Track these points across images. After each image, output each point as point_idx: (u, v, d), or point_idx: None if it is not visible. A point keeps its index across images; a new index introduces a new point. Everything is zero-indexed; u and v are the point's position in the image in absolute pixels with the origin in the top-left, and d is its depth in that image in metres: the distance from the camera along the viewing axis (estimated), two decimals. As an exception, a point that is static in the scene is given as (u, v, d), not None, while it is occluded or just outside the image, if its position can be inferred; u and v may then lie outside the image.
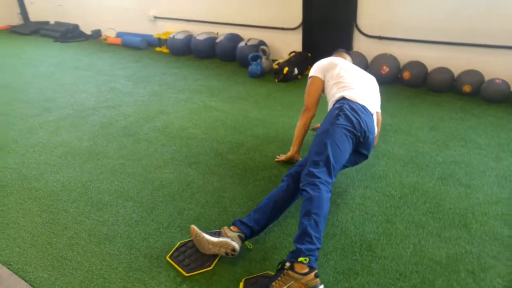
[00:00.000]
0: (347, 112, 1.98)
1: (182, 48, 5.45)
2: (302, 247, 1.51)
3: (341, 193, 2.19)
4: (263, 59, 4.52)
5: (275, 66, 4.31)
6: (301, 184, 1.77)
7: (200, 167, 2.51)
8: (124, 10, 6.52)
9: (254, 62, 4.44)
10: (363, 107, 2.06)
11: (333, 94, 2.25)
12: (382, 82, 3.96)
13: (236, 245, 1.67)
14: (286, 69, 4.18)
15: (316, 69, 2.44)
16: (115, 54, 5.78)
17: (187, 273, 1.65)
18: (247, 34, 5.14)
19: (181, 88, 4.08)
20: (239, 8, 5.13)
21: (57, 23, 7.62)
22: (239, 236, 1.71)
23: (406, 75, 3.82)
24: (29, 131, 3.13)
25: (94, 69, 4.99)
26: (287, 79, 4.25)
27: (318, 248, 1.54)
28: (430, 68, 3.82)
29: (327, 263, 1.70)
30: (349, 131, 1.92)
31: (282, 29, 4.80)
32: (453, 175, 2.33)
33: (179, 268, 1.68)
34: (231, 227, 1.75)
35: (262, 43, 4.82)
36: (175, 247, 1.81)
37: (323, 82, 2.39)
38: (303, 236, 1.55)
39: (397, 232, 1.87)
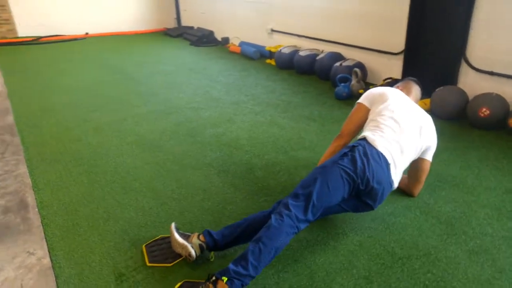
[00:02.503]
0: (356, 154, 1.87)
1: (287, 62, 5.64)
2: (232, 268, 1.53)
3: (339, 235, 2.05)
4: (354, 81, 4.36)
5: (360, 90, 4.13)
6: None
7: (226, 176, 2.65)
8: (248, 21, 7.07)
9: (342, 84, 4.33)
10: (380, 154, 1.91)
11: (364, 130, 2.13)
12: (479, 126, 3.41)
13: (193, 251, 1.75)
14: (370, 96, 3.95)
15: (365, 96, 2.32)
16: (229, 61, 6.33)
17: (149, 263, 1.85)
18: (349, 54, 5.03)
19: (262, 100, 4.26)
20: (345, 28, 5.05)
21: (198, 29, 8.71)
22: (200, 245, 1.78)
23: None
24: (123, 118, 3.74)
25: (204, 72, 5.58)
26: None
27: (250, 276, 1.53)
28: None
29: (274, 299, 1.66)
30: (348, 174, 1.82)
31: (383, 52, 4.54)
32: (490, 252, 1.92)
33: (146, 256, 1.89)
34: (200, 236, 1.83)
35: (358, 64, 4.65)
36: (155, 238, 2.02)
37: (368, 112, 2.25)
38: (241, 259, 1.56)
39: (369, 292, 1.68)
